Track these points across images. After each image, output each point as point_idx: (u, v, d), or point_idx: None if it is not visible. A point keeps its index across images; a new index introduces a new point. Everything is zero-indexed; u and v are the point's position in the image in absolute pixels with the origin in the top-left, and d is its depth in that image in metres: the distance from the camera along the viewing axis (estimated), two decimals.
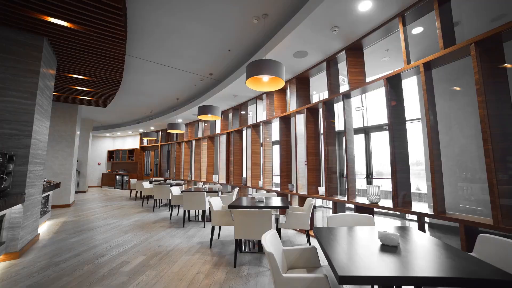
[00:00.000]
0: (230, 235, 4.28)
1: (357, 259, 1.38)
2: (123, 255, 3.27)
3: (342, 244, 1.66)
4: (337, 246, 1.61)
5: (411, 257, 1.40)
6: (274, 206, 3.21)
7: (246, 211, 2.89)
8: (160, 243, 3.80)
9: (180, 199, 5.51)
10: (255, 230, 2.90)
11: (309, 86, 5.15)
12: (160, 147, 11.61)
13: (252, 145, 6.44)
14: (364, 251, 1.51)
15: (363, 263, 1.32)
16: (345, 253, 1.48)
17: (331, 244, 1.65)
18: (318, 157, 4.69)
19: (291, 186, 5.03)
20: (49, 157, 7.00)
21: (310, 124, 4.75)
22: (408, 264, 1.29)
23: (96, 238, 4.01)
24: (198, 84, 6.66)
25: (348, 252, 1.50)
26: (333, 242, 1.68)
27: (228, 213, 3.57)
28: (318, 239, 1.82)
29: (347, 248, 1.57)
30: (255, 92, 6.19)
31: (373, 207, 3.36)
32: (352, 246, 1.61)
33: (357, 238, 1.80)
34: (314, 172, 4.61)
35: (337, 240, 1.74)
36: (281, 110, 5.73)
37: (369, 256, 1.42)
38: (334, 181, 4.23)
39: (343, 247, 1.59)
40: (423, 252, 1.48)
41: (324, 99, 4.35)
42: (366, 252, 1.49)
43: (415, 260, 1.36)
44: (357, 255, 1.44)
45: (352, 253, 1.47)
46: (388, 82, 3.24)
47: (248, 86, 3.26)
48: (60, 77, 5.17)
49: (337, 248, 1.56)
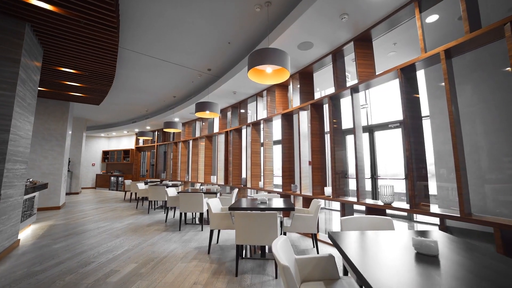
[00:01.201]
0: (230, 239, 3.98)
1: (394, 273, 1.10)
2: (112, 262, 2.95)
3: (369, 252, 1.38)
4: (363, 255, 1.33)
5: (462, 271, 1.12)
6: (279, 207, 2.92)
7: (249, 214, 2.60)
8: (153, 248, 3.49)
9: (177, 201, 5.20)
10: (259, 235, 2.60)
11: (313, 81, 4.89)
12: (156, 148, 11.27)
13: (252, 144, 6.15)
14: (399, 262, 1.23)
15: (404, 279, 1.04)
16: (376, 264, 1.20)
17: (356, 252, 1.37)
18: (324, 155, 4.42)
19: (294, 186, 4.75)
20: (38, 156, 6.64)
21: (315, 121, 4.49)
22: (465, 282, 1.02)
23: (83, 243, 3.69)
24: (196, 80, 6.37)
25: (379, 263, 1.22)
26: (357, 250, 1.40)
27: (228, 216, 3.28)
28: (337, 246, 1.54)
29: (377, 258, 1.28)
30: (255, 89, 5.92)
31: (386, 209, 3.09)
32: (382, 256, 1.33)
33: (384, 245, 1.52)
34: (319, 172, 4.34)
35: (362, 248, 1.46)
36: (283, 107, 5.46)
37: (407, 269, 1.14)
38: (341, 180, 3.96)
39: (371, 256, 1.31)
40: (473, 265, 1.21)
41: (330, 93, 4.09)
42: (401, 263, 1.21)
43: (471, 277, 1.08)
44: (392, 267, 1.16)
45: (384, 265, 1.19)
46: (402, 73, 2.98)
47: (250, 78, 2.99)
48: (48, 71, 4.85)
49: (364, 258, 1.27)
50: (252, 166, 6.05)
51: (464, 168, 2.30)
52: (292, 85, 5.10)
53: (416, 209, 2.65)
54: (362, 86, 3.66)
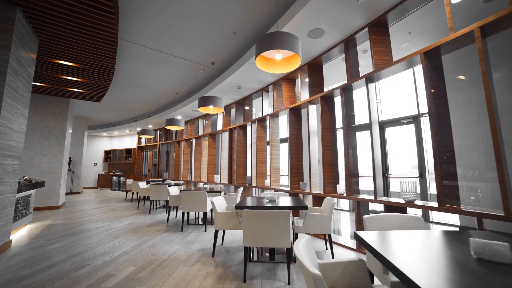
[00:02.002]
0: (236, 240, 3.71)
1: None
2: (108, 265, 2.70)
3: (418, 258, 1.10)
4: (412, 261, 1.05)
5: None
6: (291, 206, 2.65)
7: (258, 212, 2.34)
8: (154, 250, 3.24)
9: (179, 200, 4.95)
10: (270, 236, 2.34)
11: (322, 73, 4.62)
12: (158, 147, 11.07)
13: (257, 141, 5.89)
14: (461, 272, 0.95)
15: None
16: (433, 274, 0.93)
17: (400, 257, 1.09)
18: (335, 151, 4.14)
19: (303, 184, 4.47)
20: (37, 154, 6.45)
21: (325, 114, 4.21)
22: None
23: (79, 244, 3.45)
24: (199, 75, 6.14)
25: (435, 271, 0.94)
26: (400, 255, 1.13)
27: (234, 215, 3.01)
28: (370, 248, 1.27)
29: (431, 266, 1.01)
30: (261, 83, 5.67)
31: (408, 207, 2.81)
32: (435, 262, 1.05)
33: (431, 248, 1.25)
34: (330, 168, 4.06)
35: (405, 251, 1.18)
36: (290, 102, 5.20)
37: (477, 282, 0.87)
38: (355, 177, 3.67)
39: (423, 263, 1.04)
40: None
41: (343, 84, 3.82)
42: (465, 274, 0.93)
43: None
44: (455, 280, 0.89)
45: (444, 276, 0.92)
46: (426, 58, 2.70)
47: (258, 66, 2.74)
48: (45, 64, 4.65)
49: (415, 266, 1.00)
50: (258, 164, 5.78)
51: (505, 160, 2.01)
52: (300, 78, 4.84)
53: (446, 207, 2.36)
54: (378, 75, 3.38)
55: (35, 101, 6.56)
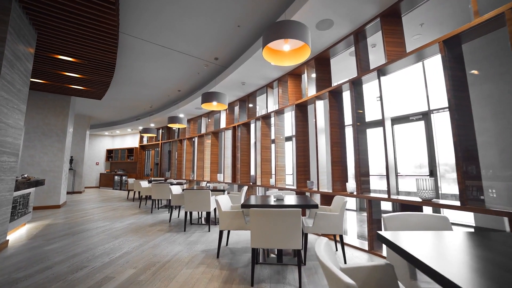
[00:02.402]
0: (241, 240, 3.56)
1: None
2: (107, 267, 2.56)
3: (459, 262, 0.94)
4: (455, 266, 0.89)
5: None
6: (301, 205, 2.49)
7: (267, 212, 2.18)
8: (155, 251, 3.09)
9: (181, 199, 4.81)
10: (279, 236, 2.18)
11: (330, 67, 4.45)
12: (160, 146, 10.95)
13: (262, 138, 5.73)
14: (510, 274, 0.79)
15: None
16: (480, 277, 0.76)
17: (436, 261, 0.93)
18: (344, 148, 3.97)
19: (310, 183, 4.31)
20: (37, 152, 6.35)
21: (334, 110, 4.05)
22: None
23: (79, 245, 3.31)
24: (202, 71, 6.00)
25: (482, 276, 0.78)
26: (435, 258, 0.97)
27: (240, 215, 2.86)
28: (400, 251, 1.11)
29: (475, 271, 0.85)
30: (265, 79, 5.51)
31: (425, 206, 2.64)
32: (479, 267, 0.89)
33: (468, 250, 1.08)
34: (339, 166, 3.89)
35: (441, 255, 1.02)
36: (296, 98, 5.03)
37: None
38: (366, 175, 3.50)
39: (464, 267, 0.88)
40: None
41: (352, 78, 3.65)
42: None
43: None
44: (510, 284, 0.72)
45: (492, 280, 0.76)
46: (445, 47, 2.53)
47: (265, 58, 2.58)
48: (44, 59, 4.53)
49: (464, 274, 0.84)
50: (262, 162, 5.63)
51: None
52: (306, 73, 4.67)
53: (469, 207, 2.18)
54: (390, 68, 3.21)
55: (36, 98, 6.46)
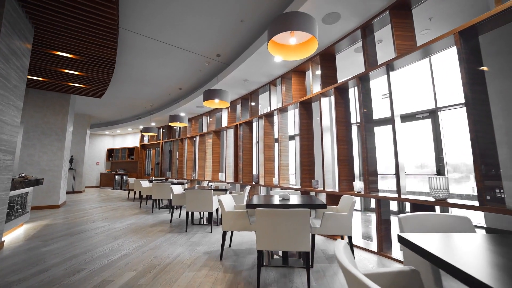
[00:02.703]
0: (245, 241, 3.44)
1: None
2: (106, 270, 2.45)
3: (495, 267, 0.82)
4: (492, 272, 0.77)
5: None
6: (310, 204, 2.37)
7: (275, 212, 2.06)
8: (156, 252, 2.98)
9: (183, 199, 4.69)
10: (287, 238, 2.06)
11: (335, 63, 4.33)
12: (161, 145, 10.85)
13: (265, 137, 5.61)
14: None
15: None
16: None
17: (472, 266, 0.81)
18: (350, 146, 3.84)
19: (315, 182, 4.18)
20: (37, 151, 6.25)
21: (340, 107, 3.92)
22: None
23: (76, 246, 3.20)
24: (204, 69, 5.88)
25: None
26: (468, 262, 0.85)
27: (245, 215, 2.74)
28: (427, 255, 1.00)
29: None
30: (268, 76, 5.39)
31: (438, 205, 2.52)
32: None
33: (501, 254, 0.96)
34: (345, 165, 3.77)
35: (473, 259, 0.90)
36: (300, 95, 4.91)
37: None
38: (374, 174, 3.38)
39: (502, 273, 0.75)
40: None
41: (360, 73, 3.53)
42: None
43: None
44: None
45: None
46: (461, 38, 2.40)
47: (270, 52, 2.48)
48: (42, 55, 4.42)
49: (496, 278, 0.72)
50: (265, 161, 5.51)
51: None
52: (311, 69, 4.55)
53: (490, 207, 2.06)
54: (400, 62, 3.08)
55: (35, 96, 6.36)
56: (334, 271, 2.47)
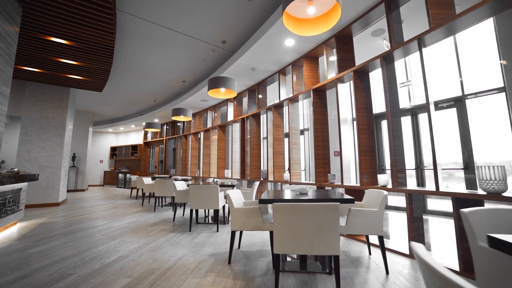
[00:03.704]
0: (255, 242, 3.07)
1: None
2: (96, 275, 2.10)
3: None
4: None
5: None
6: (337, 198, 1.98)
7: (296, 207, 1.68)
8: (156, 254, 2.63)
9: (186, 196, 4.34)
10: (312, 239, 1.68)
11: (352, 45, 3.92)
12: (165, 142, 10.55)
13: (274, 130, 5.23)
14: None
15: None
16: None
17: None
18: (372, 135, 3.43)
19: (331, 176, 3.79)
20: (35, 147, 5.98)
21: (360, 92, 3.51)
22: None
23: (69, 247, 2.88)
24: (208, 58, 5.52)
25: None
26: None
27: (257, 212, 2.36)
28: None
29: None
30: (278, 63, 4.99)
31: (489, 199, 2.10)
32: None
33: None
34: (367, 156, 3.36)
35: None
36: (313, 83, 4.51)
37: None
38: (402, 164, 2.97)
39: None
40: None
41: (384, 52, 3.11)
42: None
43: None
44: None
45: None
46: None
47: (285, 26, 2.11)
48: (34, 41, 4.11)
49: None
50: (275, 155, 5.12)
51: None
52: (325, 54, 4.15)
53: None
54: (435, 35, 2.66)
55: (33, 90, 6.10)
56: (363, 277, 2.07)
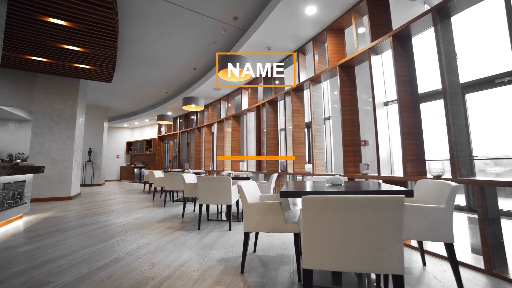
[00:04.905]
0: (274, 245, 2.55)
1: None
2: (78, 285, 1.69)
3: None
4: None
5: None
6: (391, 190, 1.40)
7: (341, 201, 1.13)
8: (155, 258, 2.19)
9: (196, 190, 3.91)
10: (364, 250, 1.12)
11: (388, 7, 3.23)
12: (179, 136, 10.29)
13: (293, 116, 4.65)
14: None
15: None
16: None
17: None
18: (418, 113, 2.76)
19: (363, 166, 3.16)
20: (46, 140, 5.85)
21: (401, 61, 2.84)
22: None
23: (62, 246, 2.53)
24: (219, 39, 5.03)
25: None
26: None
27: (277, 208, 1.83)
28: None
29: None
30: (296, 39, 4.38)
31: None
32: None
33: None
34: (412, 139, 2.70)
35: None
36: (338, 58, 3.86)
37: None
38: (465, 148, 2.30)
39: None
40: None
41: (437, 3, 2.42)
42: None
43: None
44: None
45: None
46: None
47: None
48: (34, 24, 3.81)
49: None
50: (294, 145, 4.55)
51: None
52: (354, 24, 3.48)
53: None
54: None
55: (43, 82, 5.95)
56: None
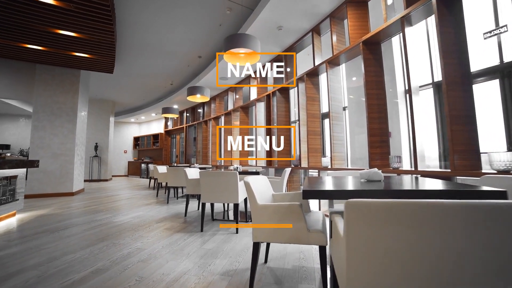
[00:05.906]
0: (289, 253, 2.12)
1: None
2: None
3: None
4: None
5: None
6: (492, 190, 0.93)
7: (421, 207, 0.66)
8: (145, 269, 1.80)
9: (199, 186, 3.51)
10: (457, 274, 0.66)
11: None
12: (185, 130, 9.96)
13: (307, 104, 4.16)
14: None
15: None
16: None
17: None
18: (470, 91, 2.23)
19: (394, 159, 2.67)
20: (47, 134, 5.61)
21: (447, 27, 2.30)
22: None
23: (41, 251, 2.18)
24: (225, 21, 4.57)
25: None
26: None
27: (297, 212, 1.38)
28: None
29: None
30: (311, 17, 3.86)
31: None
32: None
33: None
34: (461, 124, 2.18)
35: None
36: (361, 34, 3.33)
37: None
38: None
39: None
40: None
41: None
42: None
43: None
44: None
45: None
46: None
47: None
48: (22, 5, 3.47)
49: None
50: (309, 136, 4.08)
51: None
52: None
53: None
54: None
55: (43, 73, 5.69)
56: None
